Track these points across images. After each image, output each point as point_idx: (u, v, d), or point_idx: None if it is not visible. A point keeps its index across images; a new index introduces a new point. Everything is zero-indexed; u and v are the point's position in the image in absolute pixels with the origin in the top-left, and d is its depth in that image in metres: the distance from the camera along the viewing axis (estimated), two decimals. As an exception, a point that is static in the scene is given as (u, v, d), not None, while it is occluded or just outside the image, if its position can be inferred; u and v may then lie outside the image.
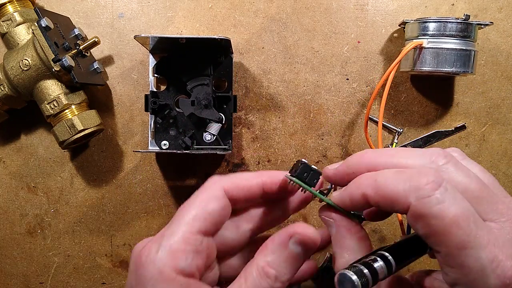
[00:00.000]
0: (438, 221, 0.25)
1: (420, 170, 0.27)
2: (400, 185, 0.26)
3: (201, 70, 0.44)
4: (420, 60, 0.43)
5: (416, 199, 0.25)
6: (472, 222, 0.25)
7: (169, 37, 0.41)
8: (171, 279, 0.28)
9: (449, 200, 0.25)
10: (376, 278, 0.27)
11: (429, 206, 0.25)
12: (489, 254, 0.25)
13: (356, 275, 0.26)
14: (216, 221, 0.30)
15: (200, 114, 0.44)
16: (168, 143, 0.44)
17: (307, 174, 0.31)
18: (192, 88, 0.44)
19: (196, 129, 0.45)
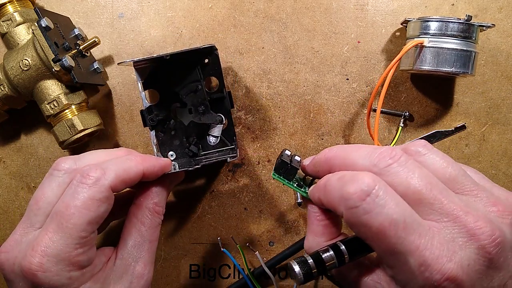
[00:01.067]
0: (366, 229, 0.26)
1: (354, 176, 0.27)
2: (336, 194, 0.28)
3: (190, 76, 0.44)
4: (420, 58, 0.43)
5: (345, 209, 0.27)
6: (401, 229, 0.25)
7: (153, 57, 0.40)
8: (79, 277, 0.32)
9: (376, 210, 0.26)
10: (323, 268, 0.29)
11: (356, 216, 0.26)
12: (417, 258, 0.25)
13: (299, 265, 0.29)
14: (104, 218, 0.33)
15: (199, 121, 0.44)
16: (174, 153, 0.44)
17: (284, 169, 0.35)
18: (186, 96, 0.44)
19: (199, 134, 0.45)
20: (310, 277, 0.29)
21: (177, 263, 0.49)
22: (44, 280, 0.30)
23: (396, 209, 0.26)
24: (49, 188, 0.33)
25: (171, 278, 0.49)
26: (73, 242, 0.30)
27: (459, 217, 0.26)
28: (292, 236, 0.49)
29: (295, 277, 0.29)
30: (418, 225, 0.26)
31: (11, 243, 0.33)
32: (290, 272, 0.30)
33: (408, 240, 0.25)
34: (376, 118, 0.44)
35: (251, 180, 0.49)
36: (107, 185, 0.32)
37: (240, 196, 0.49)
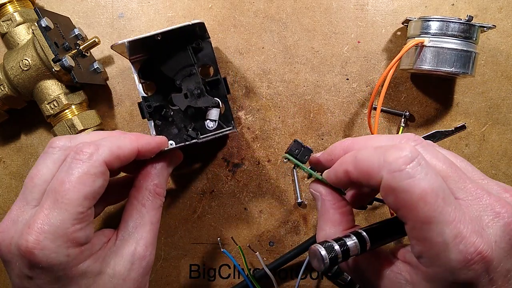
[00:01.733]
0: (407, 195, 0.26)
1: (396, 145, 0.28)
2: (375, 159, 0.27)
3: (184, 62, 0.44)
4: (420, 58, 0.43)
5: (387, 172, 0.27)
6: (441, 199, 0.26)
7: (144, 37, 0.40)
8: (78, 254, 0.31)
9: (419, 175, 0.26)
10: (347, 254, 0.28)
11: (399, 179, 0.26)
12: (453, 229, 0.25)
13: (326, 250, 0.28)
14: (100, 195, 0.32)
15: (196, 104, 0.44)
16: (174, 142, 0.44)
17: (298, 151, 0.35)
18: (181, 82, 0.44)
19: (197, 121, 0.45)
20: (335, 262, 0.28)
21: (177, 263, 0.49)
22: (41, 258, 0.29)
23: (437, 179, 0.26)
24: (44, 165, 0.33)
25: (171, 278, 0.49)
26: (70, 218, 0.30)
27: (483, 197, 0.27)
28: (292, 236, 0.49)
29: (319, 262, 0.28)
30: (453, 199, 0.27)
31: (7, 223, 0.32)
32: (313, 257, 0.28)
33: (446, 210, 0.26)
34: (376, 117, 0.44)
35: (251, 180, 0.49)
36: (101, 160, 0.31)
37: (240, 196, 0.49)
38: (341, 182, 0.32)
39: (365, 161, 0.28)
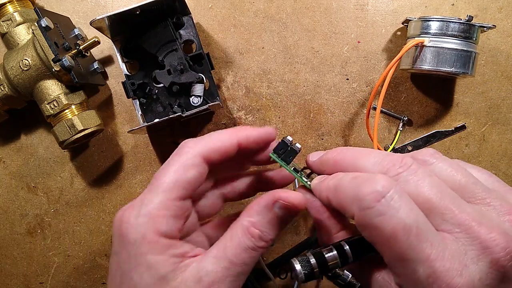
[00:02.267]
0: (378, 232, 0.25)
1: (370, 177, 0.27)
2: (349, 193, 0.27)
3: (165, 37, 0.44)
4: (420, 58, 0.43)
5: (358, 210, 0.26)
6: (414, 236, 0.25)
7: (123, 11, 0.41)
8: (154, 241, 0.29)
9: (390, 212, 0.25)
10: (325, 268, 0.28)
11: (370, 217, 0.26)
12: (426, 269, 0.24)
13: (301, 264, 0.28)
14: (194, 188, 0.32)
15: (180, 80, 0.44)
16: (159, 120, 0.44)
17: (283, 150, 0.34)
18: (164, 58, 0.44)
19: (181, 98, 0.46)
20: (311, 276, 0.28)
21: (177, 263, 0.49)
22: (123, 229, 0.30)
23: (410, 214, 0.25)
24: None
25: (171, 278, 0.49)
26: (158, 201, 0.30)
27: (472, 228, 0.25)
28: (292, 236, 0.49)
29: (296, 276, 0.28)
30: (431, 234, 0.25)
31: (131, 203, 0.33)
32: (291, 270, 0.29)
33: (419, 248, 0.25)
34: (376, 118, 0.44)
35: (251, 180, 0.49)
36: (195, 153, 0.32)
37: (240, 196, 0.49)
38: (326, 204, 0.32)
39: (341, 193, 0.28)
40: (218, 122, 0.49)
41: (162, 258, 0.30)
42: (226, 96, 0.49)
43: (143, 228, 0.30)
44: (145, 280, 0.29)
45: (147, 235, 0.29)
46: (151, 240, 0.29)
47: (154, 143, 0.49)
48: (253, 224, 0.31)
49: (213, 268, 0.30)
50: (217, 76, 0.49)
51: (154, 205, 0.30)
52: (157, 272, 0.29)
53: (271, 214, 0.31)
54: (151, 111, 0.46)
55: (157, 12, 0.43)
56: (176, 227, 0.31)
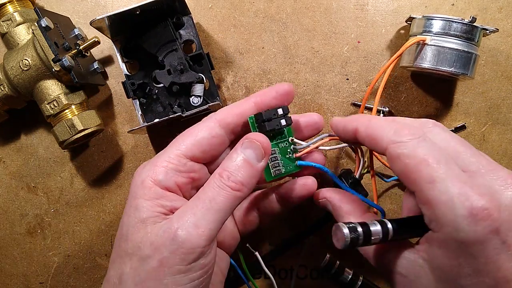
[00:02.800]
0: (410, 159, 0.28)
1: (407, 123, 0.31)
2: (385, 131, 0.30)
3: (165, 37, 0.45)
4: (421, 56, 0.43)
5: (393, 143, 0.29)
6: (443, 163, 0.28)
7: (123, 11, 0.41)
8: (148, 187, 0.32)
9: (422, 146, 0.29)
10: (369, 239, 0.29)
11: (403, 148, 0.29)
12: (457, 187, 0.27)
13: (349, 229, 0.29)
14: (204, 148, 0.34)
15: (179, 80, 0.44)
16: (159, 120, 0.44)
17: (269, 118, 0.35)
18: (164, 58, 0.44)
19: (181, 98, 0.46)
20: (355, 243, 0.29)
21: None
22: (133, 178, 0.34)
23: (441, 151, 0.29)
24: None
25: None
26: (166, 156, 0.33)
27: (497, 169, 0.28)
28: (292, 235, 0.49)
29: (340, 240, 0.29)
30: (458, 169, 0.28)
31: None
32: (335, 233, 0.29)
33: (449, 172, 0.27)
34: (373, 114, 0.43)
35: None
36: (213, 118, 0.35)
37: (240, 196, 0.49)
38: (345, 136, 0.35)
39: (377, 129, 0.31)
40: (218, 122, 0.49)
41: (149, 203, 0.32)
42: (226, 96, 0.49)
43: (144, 175, 0.33)
44: (129, 220, 0.32)
45: (145, 181, 0.32)
46: (146, 186, 0.32)
47: (154, 143, 0.49)
48: (223, 168, 0.33)
49: (184, 208, 0.32)
50: (217, 76, 0.49)
51: (161, 158, 0.33)
52: (140, 215, 0.31)
53: (238, 157, 0.33)
54: (151, 111, 0.46)
55: (157, 12, 0.43)
56: (174, 180, 0.33)
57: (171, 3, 0.43)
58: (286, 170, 0.36)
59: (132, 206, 0.32)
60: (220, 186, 0.32)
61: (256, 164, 0.33)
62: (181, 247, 0.29)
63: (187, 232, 0.29)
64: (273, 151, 0.36)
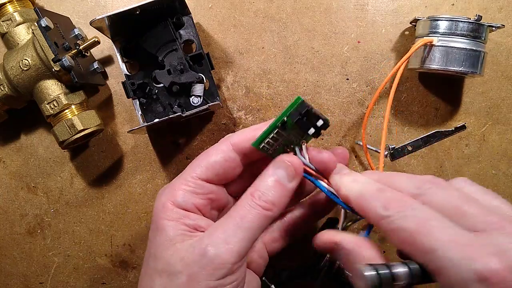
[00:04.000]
0: (403, 233, 0.28)
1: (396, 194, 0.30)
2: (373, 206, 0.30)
3: (165, 37, 0.45)
4: (429, 57, 0.43)
5: (383, 217, 0.29)
6: (437, 227, 0.27)
7: (123, 11, 0.41)
8: (170, 209, 0.33)
9: (414, 216, 0.28)
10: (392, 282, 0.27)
11: (393, 223, 0.28)
12: (460, 251, 0.25)
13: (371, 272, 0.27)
14: (218, 172, 0.35)
15: (179, 80, 0.44)
16: (159, 120, 0.44)
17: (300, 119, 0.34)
18: (163, 58, 0.44)
19: (181, 98, 0.46)
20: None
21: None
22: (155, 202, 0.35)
23: (432, 212, 0.28)
24: None
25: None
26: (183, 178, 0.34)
27: (504, 225, 0.26)
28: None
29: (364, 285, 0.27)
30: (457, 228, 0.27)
31: None
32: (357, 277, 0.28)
33: (448, 238, 0.26)
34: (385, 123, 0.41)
35: (251, 180, 0.49)
36: (228, 142, 0.35)
37: (240, 196, 0.49)
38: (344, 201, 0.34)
39: (365, 203, 0.31)
40: (218, 122, 0.49)
41: (174, 223, 0.33)
42: (226, 96, 0.49)
43: (164, 198, 0.34)
44: (157, 240, 0.33)
45: (165, 204, 0.33)
46: (167, 208, 0.33)
47: (154, 143, 0.49)
48: (255, 187, 0.33)
49: (216, 225, 0.32)
50: (217, 76, 0.49)
51: (179, 181, 0.34)
52: (167, 234, 0.32)
53: (271, 178, 0.33)
54: (151, 111, 0.46)
55: (157, 12, 0.43)
56: (192, 202, 0.34)
57: (171, 3, 0.43)
58: (271, 155, 0.36)
59: (157, 227, 0.33)
60: (251, 205, 0.32)
61: (287, 184, 0.33)
62: (211, 263, 0.30)
63: (217, 248, 0.30)
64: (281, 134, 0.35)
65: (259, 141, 0.34)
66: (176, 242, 0.32)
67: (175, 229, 0.32)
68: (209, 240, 0.31)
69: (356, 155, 0.49)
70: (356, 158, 0.49)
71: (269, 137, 0.34)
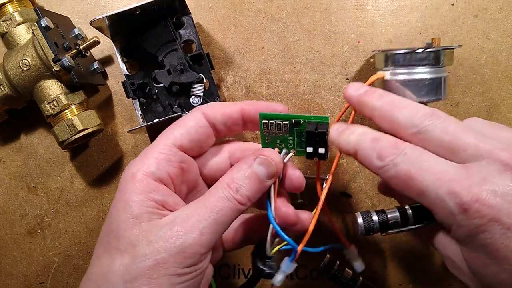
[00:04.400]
0: (397, 180, 0.30)
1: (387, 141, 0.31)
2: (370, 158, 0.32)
3: (165, 37, 0.45)
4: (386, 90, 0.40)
5: (379, 167, 0.31)
6: (427, 169, 0.29)
7: (123, 11, 0.41)
8: (139, 180, 0.31)
9: (404, 162, 0.30)
10: (386, 226, 0.32)
11: (387, 172, 0.30)
12: (446, 188, 0.28)
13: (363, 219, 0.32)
14: (192, 137, 0.34)
15: (179, 80, 0.44)
16: (159, 120, 0.44)
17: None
18: (163, 58, 0.44)
19: (181, 98, 0.46)
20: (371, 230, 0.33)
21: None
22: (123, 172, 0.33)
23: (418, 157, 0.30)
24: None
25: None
26: (157, 146, 0.33)
27: (494, 153, 0.28)
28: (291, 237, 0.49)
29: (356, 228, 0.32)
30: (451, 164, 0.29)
31: None
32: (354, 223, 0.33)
33: (436, 172, 0.28)
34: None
35: (251, 180, 0.49)
36: (200, 111, 0.35)
37: (240, 196, 0.49)
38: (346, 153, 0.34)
39: (364, 157, 0.32)
40: (218, 122, 0.49)
41: (141, 198, 0.31)
42: (226, 96, 0.49)
43: (135, 168, 0.32)
44: (120, 215, 0.31)
45: (136, 173, 0.32)
46: (137, 179, 0.31)
47: (154, 143, 0.49)
48: (232, 179, 0.32)
49: (187, 212, 0.31)
50: (217, 76, 0.49)
51: (150, 150, 0.33)
52: (132, 210, 0.31)
53: (250, 170, 0.33)
54: (151, 111, 0.46)
55: (157, 12, 0.43)
56: (166, 170, 0.33)
57: (171, 3, 0.43)
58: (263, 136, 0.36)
59: (121, 201, 0.31)
60: (228, 197, 0.32)
61: (265, 181, 0.33)
62: (183, 251, 0.29)
63: (192, 238, 0.29)
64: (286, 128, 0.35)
65: (267, 116, 0.34)
66: (142, 221, 0.30)
67: (141, 205, 0.31)
68: (183, 228, 0.30)
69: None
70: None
71: (277, 121, 0.34)
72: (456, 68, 0.48)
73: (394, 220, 0.32)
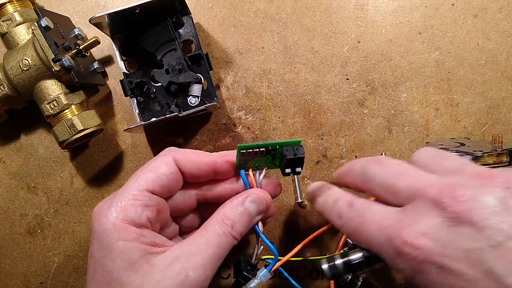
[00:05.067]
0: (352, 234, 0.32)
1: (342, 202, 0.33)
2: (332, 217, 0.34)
3: (164, 37, 0.45)
4: None
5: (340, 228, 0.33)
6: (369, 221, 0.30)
7: (123, 9, 0.41)
8: (124, 228, 0.32)
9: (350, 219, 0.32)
10: (350, 267, 0.33)
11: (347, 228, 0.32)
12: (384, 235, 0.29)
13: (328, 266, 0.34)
14: (164, 183, 0.35)
15: (177, 80, 0.44)
16: (156, 119, 0.44)
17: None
18: (162, 57, 0.45)
19: (179, 97, 0.46)
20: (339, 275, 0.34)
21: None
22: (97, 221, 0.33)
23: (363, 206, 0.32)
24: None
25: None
26: (128, 192, 0.33)
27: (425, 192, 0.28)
28: (290, 237, 0.49)
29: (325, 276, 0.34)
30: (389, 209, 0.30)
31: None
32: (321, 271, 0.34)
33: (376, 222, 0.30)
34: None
35: (251, 180, 0.49)
36: (171, 156, 0.35)
37: (240, 196, 0.49)
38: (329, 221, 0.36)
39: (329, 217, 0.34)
40: (218, 122, 0.49)
41: (133, 244, 0.31)
42: (226, 96, 0.49)
43: (114, 217, 0.32)
44: (117, 265, 0.31)
45: (117, 223, 0.32)
46: (121, 228, 0.31)
47: (154, 143, 0.49)
48: (226, 215, 0.34)
49: (189, 249, 0.32)
50: (217, 76, 0.49)
51: (125, 196, 0.33)
52: (129, 257, 0.31)
53: (242, 208, 0.35)
54: (149, 110, 0.46)
55: (157, 11, 0.43)
56: (146, 216, 0.33)
57: (171, 2, 0.43)
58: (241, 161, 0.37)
59: (113, 250, 0.31)
60: (225, 233, 0.34)
61: (255, 218, 0.36)
62: (192, 286, 0.31)
63: (198, 273, 0.31)
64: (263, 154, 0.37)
65: (247, 147, 0.36)
66: (142, 264, 0.31)
67: (135, 250, 0.31)
68: (189, 264, 0.31)
69: (356, 155, 0.49)
70: (356, 158, 0.49)
71: (255, 149, 0.36)
72: (456, 68, 0.48)
73: (358, 260, 0.33)
